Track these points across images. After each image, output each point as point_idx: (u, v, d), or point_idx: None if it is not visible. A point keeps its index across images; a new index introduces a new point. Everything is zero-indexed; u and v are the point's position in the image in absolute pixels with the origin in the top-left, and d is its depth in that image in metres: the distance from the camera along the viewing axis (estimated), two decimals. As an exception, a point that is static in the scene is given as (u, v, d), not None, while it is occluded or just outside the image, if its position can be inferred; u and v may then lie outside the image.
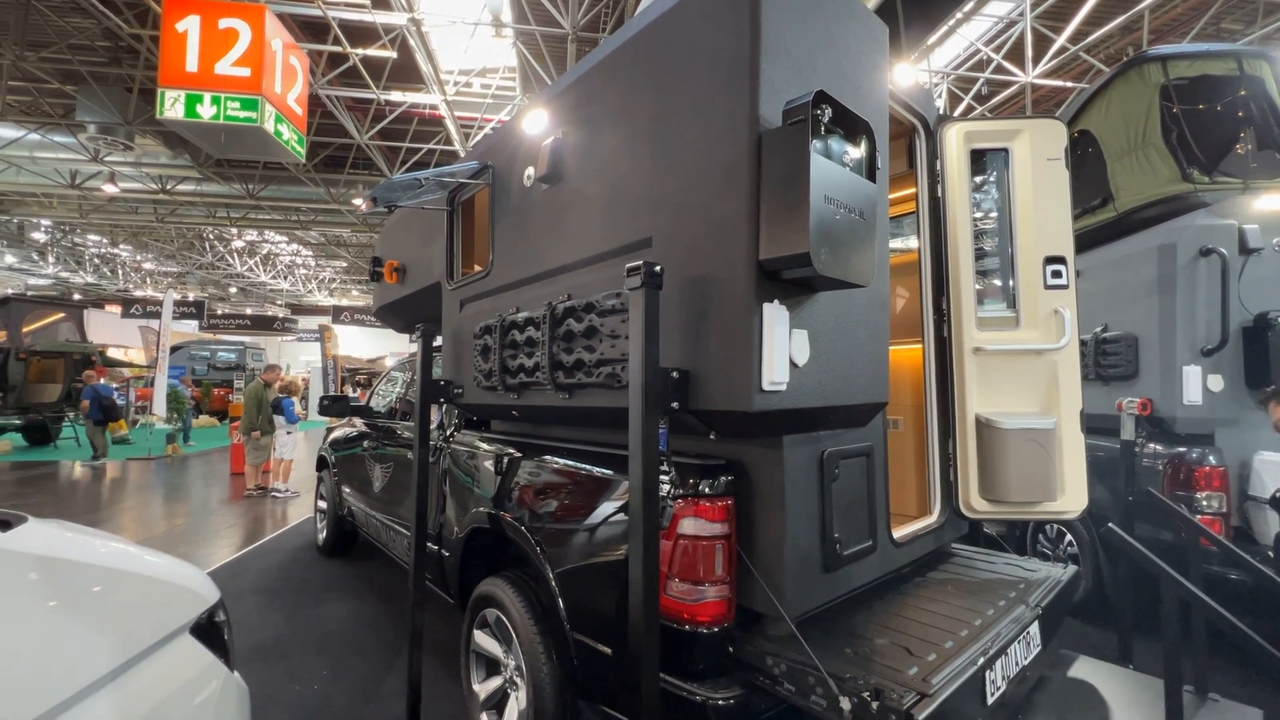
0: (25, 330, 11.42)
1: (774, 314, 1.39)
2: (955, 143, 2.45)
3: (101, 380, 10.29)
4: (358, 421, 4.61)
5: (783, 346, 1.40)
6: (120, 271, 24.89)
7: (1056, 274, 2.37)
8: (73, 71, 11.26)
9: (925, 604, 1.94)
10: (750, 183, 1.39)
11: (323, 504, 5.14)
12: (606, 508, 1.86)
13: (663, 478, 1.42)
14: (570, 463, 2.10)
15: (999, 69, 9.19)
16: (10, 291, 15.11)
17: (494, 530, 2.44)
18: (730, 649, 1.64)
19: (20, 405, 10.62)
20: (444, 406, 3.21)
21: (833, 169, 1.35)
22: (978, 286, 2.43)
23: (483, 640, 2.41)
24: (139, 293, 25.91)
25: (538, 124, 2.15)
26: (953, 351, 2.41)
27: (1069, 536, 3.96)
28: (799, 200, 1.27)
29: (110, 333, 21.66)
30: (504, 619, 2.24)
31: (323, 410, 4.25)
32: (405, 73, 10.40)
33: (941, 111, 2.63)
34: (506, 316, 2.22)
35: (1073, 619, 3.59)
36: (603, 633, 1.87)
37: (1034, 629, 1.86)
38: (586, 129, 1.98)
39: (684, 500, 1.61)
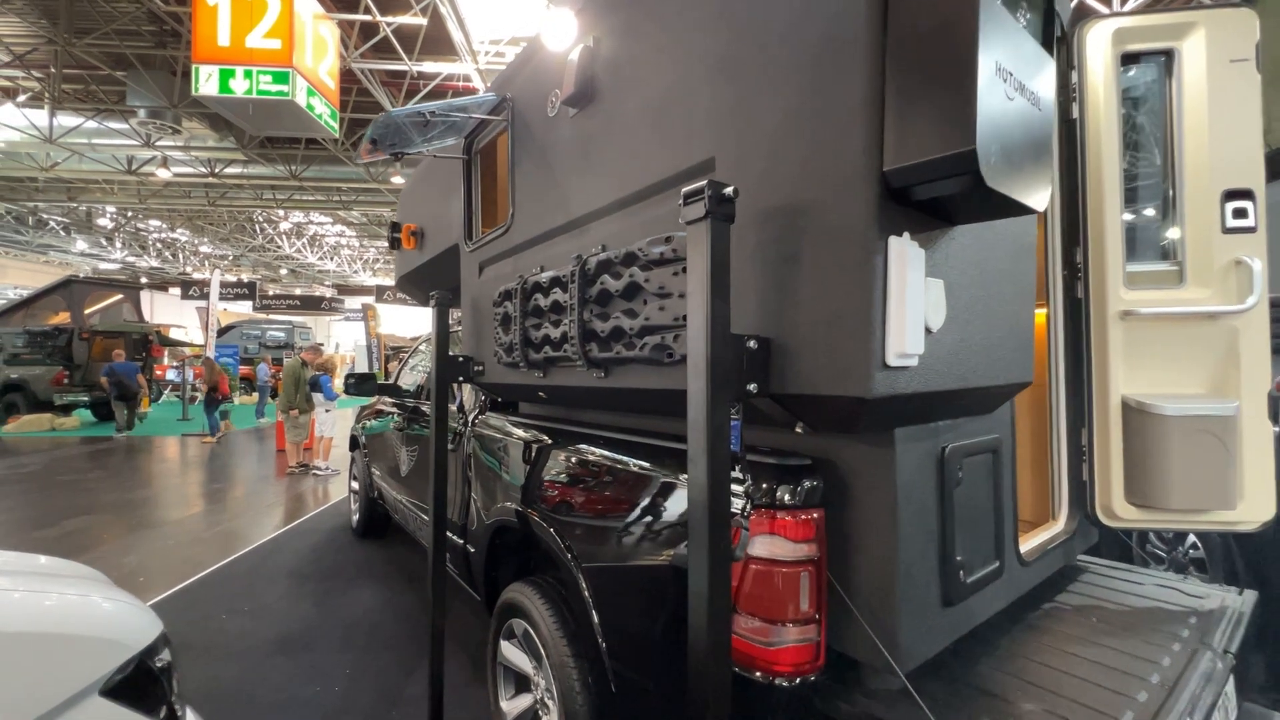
0: (87, 311, 11.91)
1: (905, 253, 0.95)
2: (1101, 46, 1.88)
3: (129, 358, 10.61)
4: (388, 400, 4.40)
5: (917, 301, 0.96)
6: (180, 255, 25.99)
7: (1240, 213, 1.80)
8: (121, 56, 11.43)
9: (1070, 645, 1.48)
10: (869, 54, 0.93)
11: (356, 484, 5.01)
12: (655, 513, 1.48)
13: (735, 487, 1.02)
14: (610, 454, 1.72)
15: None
16: (72, 274, 15.93)
17: (521, 529, 2.11)
18: (817, 705, 1.25)
19: (86, 383, 11.12)
20: (462, 386, 2.90)
21: (1007, 24, 0.87)
22: (1127, 233, 1.89)
23: (510, 653, 2.10)
24: (198, 275, 27.04)
25: (561, 34, 1.72)
26: (1090, 317, 1.89)
27: (1191, 538, 3.37)
28: (960, 69, 0.82)
29: (171, 313, 22.76)
30: (532, 633, 1.92)
31: (349, 389, 4.04)
32: (437, 44, 10.11)
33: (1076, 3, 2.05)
34: (528, 278, 1.84)
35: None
36: (648, 666, 1.52)
37: (1230, 687, 1.39)
38: (623, 29, 1.54)
39: (757, 512, 1.21)
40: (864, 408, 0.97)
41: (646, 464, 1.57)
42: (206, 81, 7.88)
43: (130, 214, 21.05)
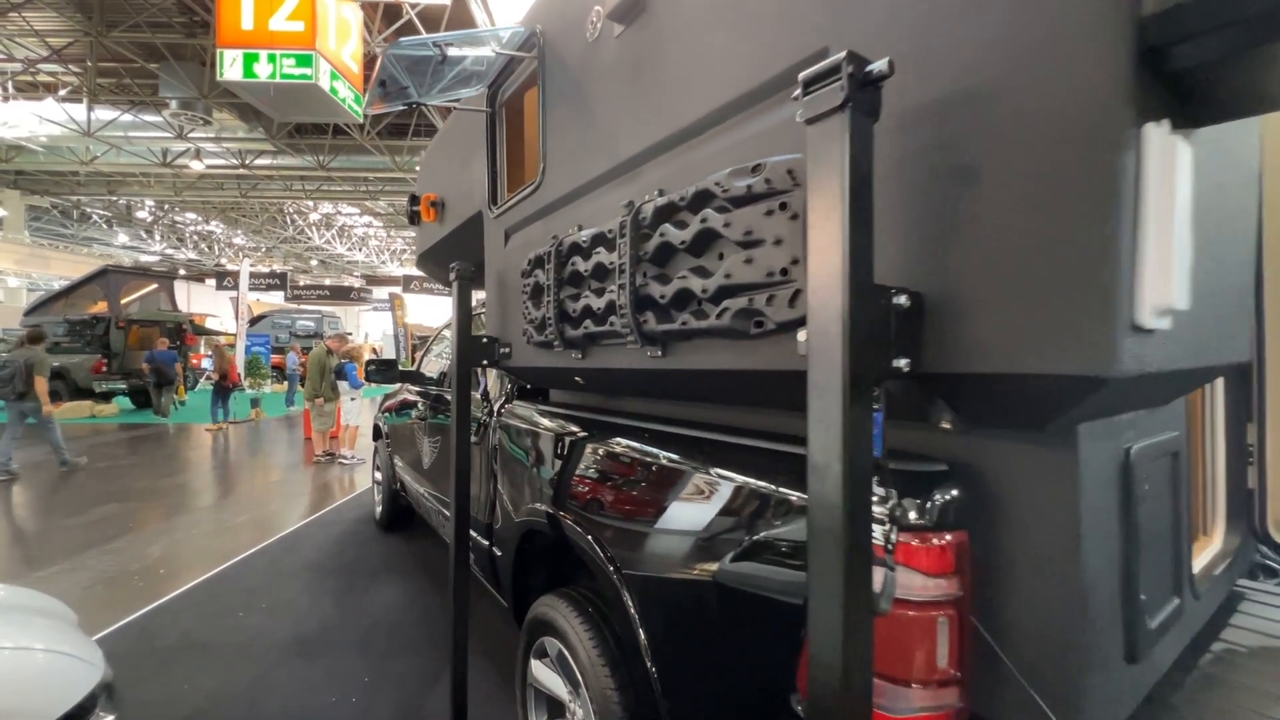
0: (123, 300, 12.11)
1: (1170, 150, 0.61)
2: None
3: (166, 347, 10.87)
4: (411, 388, 4.20)
5: (1185, 228, 0.62)
6: (216, 247, 26.64)
7: None
8: (152, 48, 11.51)
9: (1272, 707, 1.13)
10: None
11: (379, 475, 4.84)
12: (728, 527, 1.18)
13: (875, 508, 0.71)
14: (665, 455, 1.42)
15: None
16: (109, 263, 16.35)
17: (554, 534, 1.83)
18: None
19: (124, 370, 11.32)
20: (486, 371, 2.63)
21: None
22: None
23: (542, 675, 1.83)
24: (232, 266, 27.69)
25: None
26: (1262, 281, 1.51)
27: (1315, 550, 2.92)
28: None
29: (207, 303, 23.39)
30: (568, 656, 1.65)
31: (369, 376, 3.83)
32: (461, 28, 9.90)
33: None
34: (564, 239, 1.54)
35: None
36: (712, 705, 1.24)
37: None
38: None
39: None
40: (1095, 392, 0.65)
41: (707, 464, 1.27)
42: (231, 66, 7.78)
43: (167, 207, 21.59)
